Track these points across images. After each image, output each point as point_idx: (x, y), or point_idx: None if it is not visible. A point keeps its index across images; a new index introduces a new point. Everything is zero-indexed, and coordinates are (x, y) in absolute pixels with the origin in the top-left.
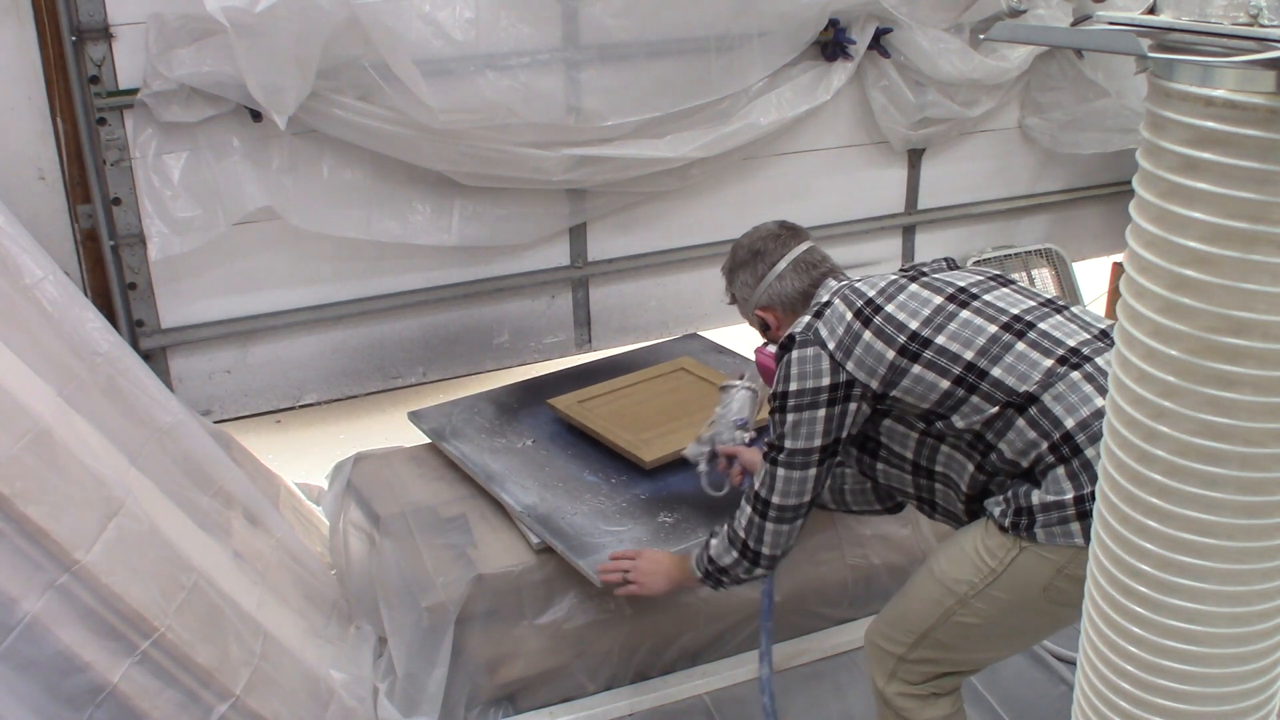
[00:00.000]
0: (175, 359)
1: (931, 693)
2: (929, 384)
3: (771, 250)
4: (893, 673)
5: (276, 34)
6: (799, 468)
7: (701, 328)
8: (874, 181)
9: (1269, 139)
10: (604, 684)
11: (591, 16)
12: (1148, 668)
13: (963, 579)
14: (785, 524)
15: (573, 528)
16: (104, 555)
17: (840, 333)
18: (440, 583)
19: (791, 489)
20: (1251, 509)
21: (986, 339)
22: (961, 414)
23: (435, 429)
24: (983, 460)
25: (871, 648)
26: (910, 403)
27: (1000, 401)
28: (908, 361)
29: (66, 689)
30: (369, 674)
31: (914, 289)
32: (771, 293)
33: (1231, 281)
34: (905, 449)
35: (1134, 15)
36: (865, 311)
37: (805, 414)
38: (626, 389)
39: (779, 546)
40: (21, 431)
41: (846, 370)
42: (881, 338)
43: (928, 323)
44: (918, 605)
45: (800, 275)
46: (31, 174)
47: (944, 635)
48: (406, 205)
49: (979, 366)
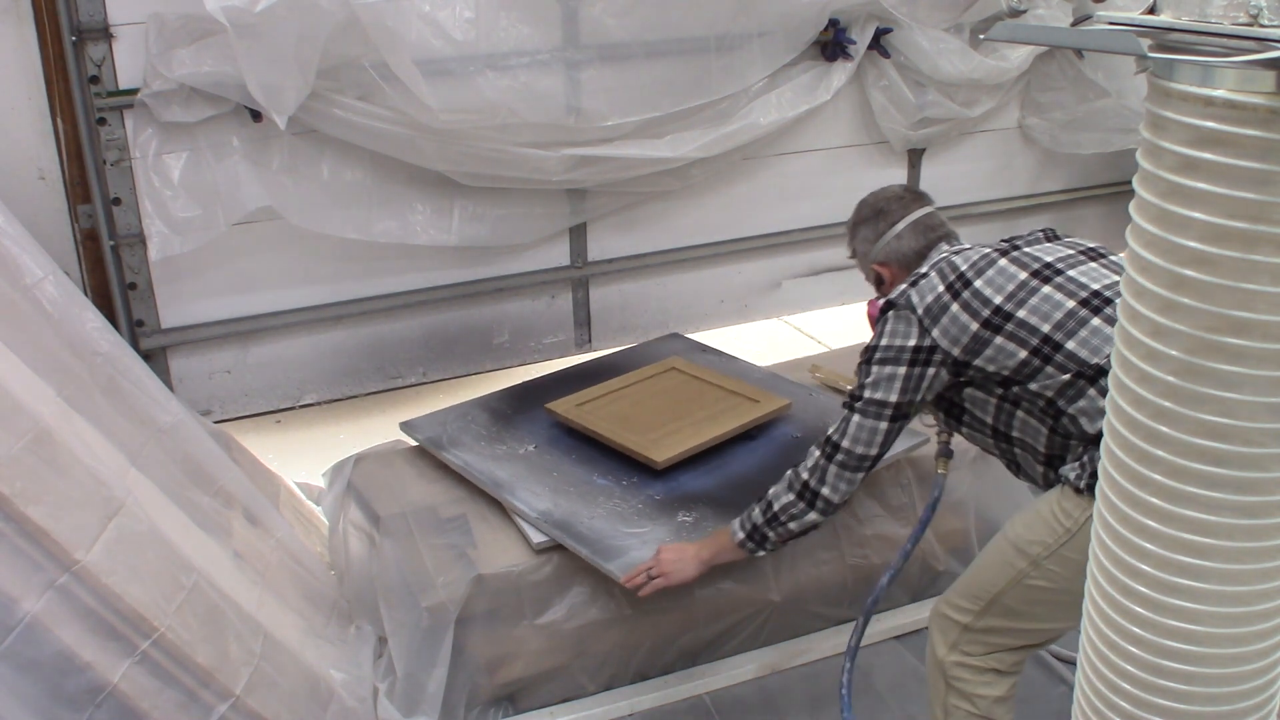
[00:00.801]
0: (175, 359)
1: (993, 668)
2: (1008, 353)
3: (894, 210)
4: (955, 643)
5: (276, 34)
6: (872, 417)
7: (702, 328)
8: (874, 181)
9: (1269, 139)
10: (604, 684)
11: (591, 16)
12: (1148, 668)
13: (1036, 540)
14: (848, 470)
15: (593, 532)
16: (104, 555)
17: (930, 301)
18: (440, 583)
19: (862, 436)
20: (1251, 509)
21: (1064, 314)
22: (1037, 380)
23: (432, 439)
24: (1055, 424)
25: (937, 618)
26: (991, 371)
27: (1072, 370)
28: (990, 333)
29: (66, 689)
30: (369, 674)
31: (1002, 264)
32: (889, 250)
33: (1231, 281)
34: (985, 414)
35: (1134, 15)
36: (955, 285)
37: (888, 369)
38: (622, 390)
39: (838, 491)
40: (21, 431)
41: (931, 336)
42: (968, 310)
43: (1011, 298)
44: (989, 570)
45: (918, 236)
46: (31, 174)
47: (1013, 600)
48: (406, 205)
49: (1054, 339)
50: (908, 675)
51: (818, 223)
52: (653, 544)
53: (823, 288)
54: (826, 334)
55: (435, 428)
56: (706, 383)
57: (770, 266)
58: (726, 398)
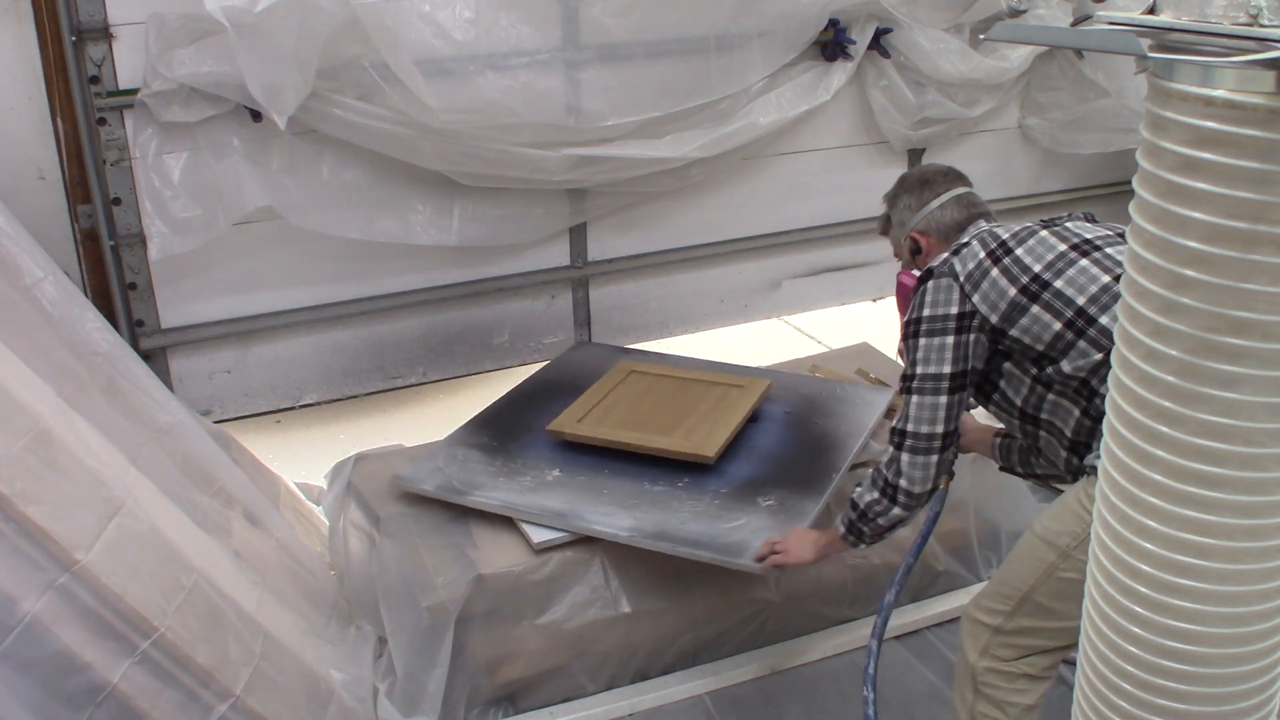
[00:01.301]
0: (175, 359)
1: (1024, 673)
2: (1044, 324)
3: (939, 182)
4: (986, 647)
5: (276, 34)
6: (930, 393)
7: (702, 328)
8: (874, 181)
9: (1269, 139)
10: (604, 684)
11: (591, 16)
12: (1148, 668)
13: (1064, 531)
14: (920, 455)
15: (699, 535)
16: (104, 555)
17: (971, 267)
18: (440, 583)
19: (924, 415)
20: (1251, 509)
21: (1099, 288)
22: (1070, 359)
23: (443, 485)
24: (1088, 405)
25: (969, 622)
26: (1027, 344)
27: (1105, 349)
28: (1027, 300)
29: (66, 689)
30: (369, 674)
31: (1043, 235)
32: (931, 219)
33: (1231, 281)
34: (1017, 394)
35: (1134, 15)
36: (997, 252)
37: (936, 340)
38: (608, 399)
39: (915, 481)
40: (21, 431)
41: (973, 301)
42: (1007, 276)
43: (1049, 267)
44: (1019, 567)
45: (960, 209)
46: (31, 174)
47: (1044, 595)
48: (406, 205)
49: (1089, 313)
50: (910, 675)
51: (817, 223)
52: (760, 533)
53: (822, 288)
54: (826, 334)
55: (435, 475)
56: (680, 379)
57: (770, 266)
58: (712, 388)
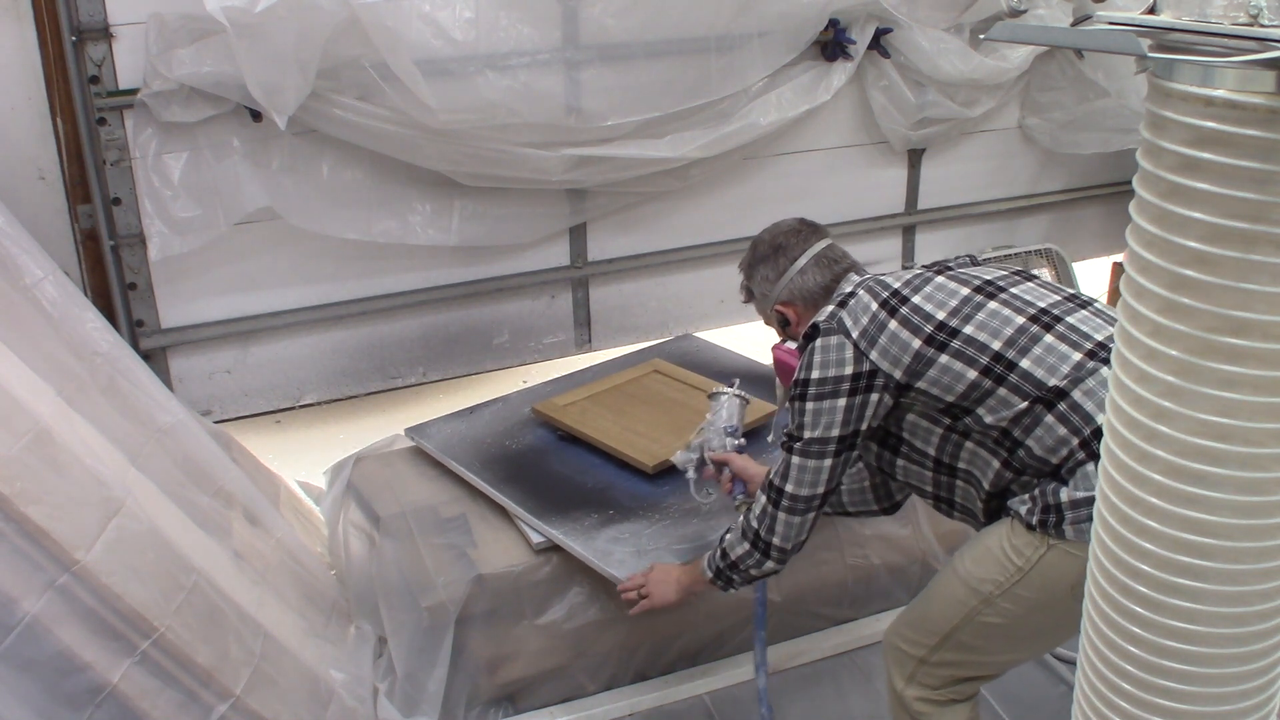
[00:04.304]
0: (175, 359)
1: (950, 698)
2: (956, 374)
3: (793, 245)
4: (912, 676)
5: (276, 34)
6: (815, 456)
7: (702, 328)
8: (874, 181)
9: (1269, 139)
10: (604, 684)
11: (591, 16)
12: (1148, 668)
13: (988, 578)
14: (797, 515)
15: None
16: (104, 555)
17: (865, 322)
18: (440, 583)
19: (806, 478)
20: (1251, 509)
21: (1014, 329)
22: (988, 408)
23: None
24: (1009, 457)
25: (891, 650)
26: (935, 395)
27: (1030, 396)
28: (935, 351)
29: (66, 689)
30: (369, 674)
31: (940, 281)
32: (793, 287)
33: (1231, 281)
34: (928, 445)
35: (1134, 15)
36: (891, 302)
37: (825, 403)
38: (609, 391)
39: (789, 539)
40: (21, 431)
41: (870, 359)
42: (908, 327)
43: (955, 313)
44: (941, 606)
45: (822, 270)
46: (31, 174)
47: (967, 637)
48: (406, 205)
49: (1007, 357)
50: None
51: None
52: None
53: None
54: None
55: None
56: (690, 386)
57: None
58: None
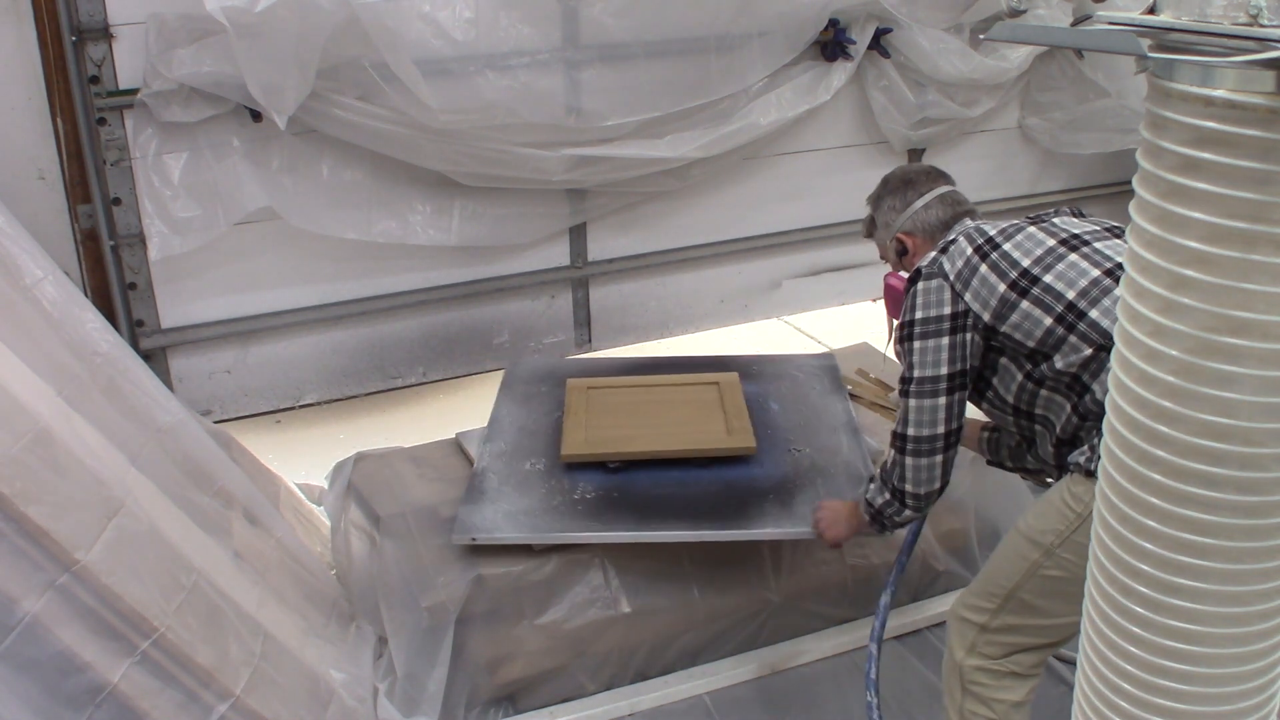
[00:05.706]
0: (175, 359)
1: (1011, 670)
2: (1035, 320)
3: (922, 182)
4: (973, 645)
5: (276, 34)
6: (929, 396)
7: (702, 328)
8: (874, 181)
9: (1269, 139)
10: (604, 684)
11: (591, 16)
12: (1148, 668)
13: (1049, 529)
14: (923, 457)
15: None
16: (104, 555)
17: (960, 265)
18: (440, 583)
19: (924, 419)
20: (1251, 509)
21: (1089, 282)
22: (1061, 354)
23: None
24: (1078, 402)
25: (955, 620)
26: (1019, 340)
27: (1095, 343)
28: (1017, 296)
29: (66, 689)
30: (369, 674)
31: (1031, 230)
32: (916, 219)
33: (1231, 281)
34: (1009, 391)
35: (1134, 15)
36: (984, 248)
37: (930, 341)
38: (592, 416)
39: (921, 483)
40: (21, 431)
41: (964, 300)
42: (995, 272)
43: (1038, 261)
44: (1004, 565)
45: (945, 208)
46: (31, 174)
47: (1029, 593)
48: (406, 205)
49: (1078, 307)
50: (909, 675)
51: (818, 223)
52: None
53: (822, 288)
54: (826, 334)
55: (496, 522)
56: (647, 386)
57: (770, 266)
58: (685, 389)
